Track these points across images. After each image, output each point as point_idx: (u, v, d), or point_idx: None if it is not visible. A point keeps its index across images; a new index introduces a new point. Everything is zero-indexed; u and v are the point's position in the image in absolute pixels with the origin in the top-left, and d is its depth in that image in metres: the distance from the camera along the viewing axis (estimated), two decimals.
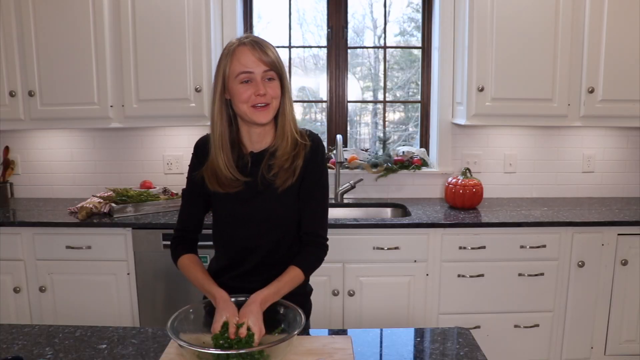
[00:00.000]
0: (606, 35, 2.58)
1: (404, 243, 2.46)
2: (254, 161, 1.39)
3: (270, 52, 1.31)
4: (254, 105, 1.31)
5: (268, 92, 1.30)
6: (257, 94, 1.29)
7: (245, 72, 1.29)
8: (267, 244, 1.41)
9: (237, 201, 1.39)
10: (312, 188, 1.40)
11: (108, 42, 2.58)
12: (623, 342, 2.59)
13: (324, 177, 1.43)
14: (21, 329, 1.37)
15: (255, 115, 1.31)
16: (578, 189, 3.09)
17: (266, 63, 1.29)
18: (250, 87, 1.30)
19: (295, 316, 1.24)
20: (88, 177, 3.04)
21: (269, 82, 1.31)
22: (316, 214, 1.42)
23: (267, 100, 1.31)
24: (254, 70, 1.29)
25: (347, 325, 2.50)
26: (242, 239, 1.41)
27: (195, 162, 1.45)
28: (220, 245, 1.48)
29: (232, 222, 1.41)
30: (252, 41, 1.31)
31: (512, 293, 2.52)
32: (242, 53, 1.30)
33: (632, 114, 2.67)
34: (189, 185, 1.47)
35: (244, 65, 1.29)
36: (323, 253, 1.44)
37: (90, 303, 2.51)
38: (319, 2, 3.14)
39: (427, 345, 1.30)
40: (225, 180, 1.36)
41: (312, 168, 1.40)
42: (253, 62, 1.29)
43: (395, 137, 3.32)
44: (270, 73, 1.31)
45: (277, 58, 1.33)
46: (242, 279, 1.44)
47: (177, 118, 2.65)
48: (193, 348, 1.10)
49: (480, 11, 2.58)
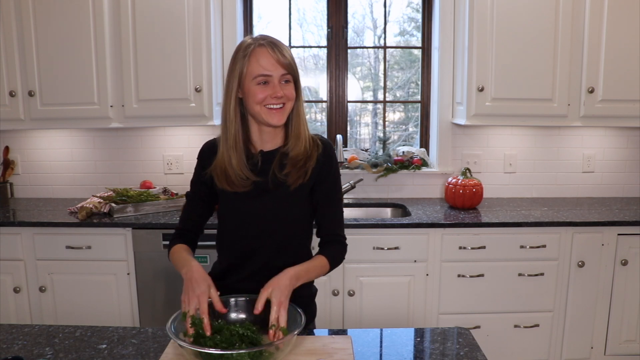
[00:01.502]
0: (606, 35, 2.58)
1: (404, 243, 2.46)
2: (265, 160, 1.39)
3: (287, 54, 1.31)
4: (269, 107, 1.31)
5: (285, 94, 1.31)
6: (274, 96, 1.30)
7: (264, 74, 1.29)
8: (273, 244, 1.41)
9: (246, 199, 1.38)
10: (330, 192, 1.43)
11: (108, 42, 2.58)
12: (623, 342, 2.59)
13: (339, 181, 1.46)
14: (21, 329, 1.37)
15: (270, 116, 1.32)
16: (578, 189, 3.09)
17: (284, 66, 1.30)
18: (267, 89, 1.30)
19: (295, 316, 1.24)
20: (88, 177, 3.04)
21: (285, 85, 1.32)
22: (335, 217, 1.45)
23: (283, 102, 1.32)
24: (273, 73, 1.29)
25: (347, 325, 2.50)
26: (248, 238, 1.41)
27: (199, 169, 1.46)
28: (226, 246, 1.47)
29: (239, 220, 1.41)
30: (270, 42, 1.31)
31: (512, 293, 2.52)
32: (261, 55, 1.29)
33: (632, 114, 2.67)
34: (193, 189, 1.48)
35: (264, 68, 1.29)
36: (345, 251, 1.47)
37: (90, 303, 2.51)
38: (319, 2, 3.14)
39: (427, 345, 1.30)
40: (235, 179, 1.36)
41: (328, 172, 1.41)
42: (272, 65, 1.29)
43: (395, 137, 3.32)
44: (287, 76, 1.32)
45: (293, 60, 1.34)
46: (247, 280, 1.43)
47: (177, 118, 2.65)
48: (193, 348, 1.10)
49: (480, 11, 2.58)
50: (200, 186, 1.46)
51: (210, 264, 2.39)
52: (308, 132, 1.40)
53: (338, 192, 1.45)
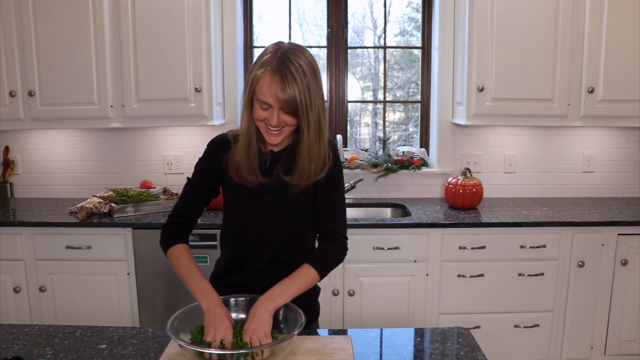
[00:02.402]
0: (606, 35, 2.58)
1: (404, 243, 2.46)
2: (273, 160, 1.39)
3: (290, 89, 1.23)
4: (268, 127, 1.29)
5: (283, 121, 1.27)
6: (270, 125, 1.27)
7: (264, 101, 1.26)
8: (276, 242, 1.41)
9: (250, 197, 1.38)
10: (330, 190, 1.41)
11: (108, 42, 2.58)
12: (623, 342, 2.59)
13: (341, 179, 1.44)
14: (21, 329, 1.37)
15: (267, 136, 1.31)
16: (578, 189, 3.09)
17: (281, 102, 1.24)
18: (266, 114, 1.27)
19: (295, 316, 1.24)
20: (88, 177, 3.04)
21: (284, 113, 1.27)
22: (333, 211, 1.42)
23: (280, 126, 1.29)
24: (272, 104, 1.25)
25: (347, 325, 2.50)
26: (252, 236, 1.41)
27: (210, 156, 1.43)
28: (229, 244, 1.47)
29: (243, 218, 1.41)
30: (280, 71, 1.23)
31: (512, 293, 2.52)
32: (266, 82, 1.24)
33: (632, 114, 2.67)
34: (197, 176, 1.45)
35: (264, 96, 1.25)
36: (341, 251, 1.42)
37: (90, 303, 2.51)
38: (319, 2, 3.14)
39: (427, 345, 1.30)
40: (245, 172, 1.35)
41: (332, 172, 1.39)
42: (271, 97, 1.24)
43: (395, 137, 3.32)
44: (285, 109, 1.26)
45: (299, 92, 1.23)
46: (249, 278, 1.43)
47: (177, 118, 2.65)
48: (193, 348, 1.10)
49: (480, 11, 2.58)
50: (206, 177, 1.44)
51: (210, 264, 2.39)
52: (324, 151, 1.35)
53: (339, 190, 1.43)
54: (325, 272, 1.38)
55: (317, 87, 1.28)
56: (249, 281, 1.42)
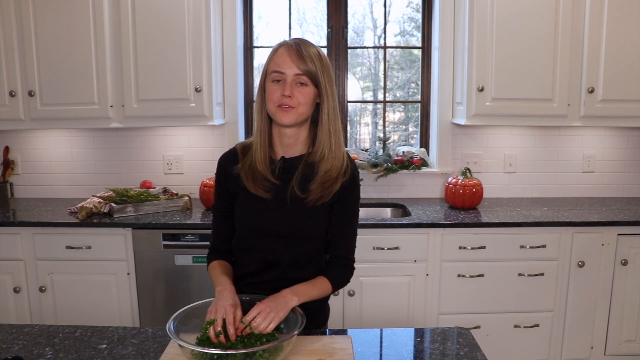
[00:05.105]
0: (606, 35, 2.58)
1: (404, 243, 2.46)
2: (285, 168, 1.36)
3: (307, 56, 1.26)
4: (280, 106, 1.28)
5: (295, 95, 1.27)
6: (283, 94, 1.27)
7: (277, 71, 1.27)
8: (290, 258, 1.38)
9: (264, 212, 1.36)
10: (346, 213, 1.40)
11: (108, 42, 2.58)
12: (623, 342, 2.59)
13: (357, 204, 1.44)
14: (21, 329, 1.37)
15: (279, 115, 1.29)
16: (578, 189, 3.09)
17: (299, 66, 1.26)
18: (279, 88, 1.28)
19: (295, 316, 1.24)
20: (88, 177, 3.04)
21: (299, 87, 1.28)
22: (348, 239, 1.43)
23: (293, 104, 1.27)
24: (286, 71, 1.26)
25: (347, 325, 2.50)
26: (264, 252, 1.39)
27: (219, 176, 1.43)
28: (241, 256, 1.45)
29: (256, 233, 1.38)
30: (295, 43, 1.28)
31: (512, 293, 2.52)
32: (280, 53, 1.28)
33: (632, 114, 2.67)
34: (216, 202, 1.46)
35: (277, 65, 1.27)
36: (350, 274, 1.44)
37: (90, 303, 2.51)
38: (319, 2, 3.14)
39: (427, 345, 1.30)
40: (259, 176, 1.34)
41: (349, 194, 1.39)
42: (286, 64, 1.26)
43: (395, 137, 3.32)
44: (302, 78, 1.27)
45: (318, 65, 1.27)
46: (261, 290, 1.40)
47: (177, 118, 2.65)
48: (193, 348, 1.10)
49: (480, 11, 2.58)
50: (222, 201, 1.43)
51: None
52: (342, 148, 1.35)
53: (354, 215, 1.43)
54: (337, 289, 1.42)
55: (330, 75, 1.32)
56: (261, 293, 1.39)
